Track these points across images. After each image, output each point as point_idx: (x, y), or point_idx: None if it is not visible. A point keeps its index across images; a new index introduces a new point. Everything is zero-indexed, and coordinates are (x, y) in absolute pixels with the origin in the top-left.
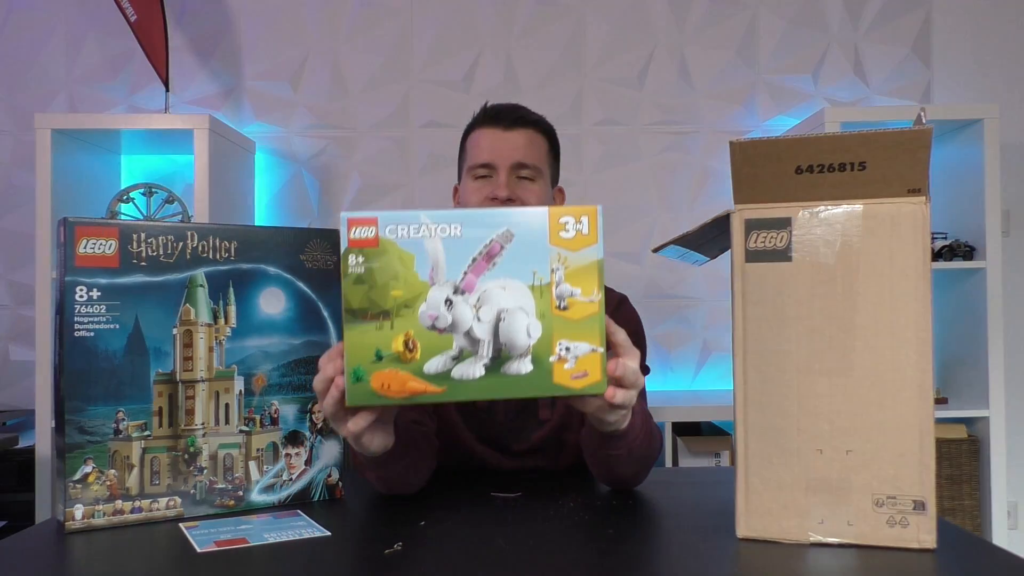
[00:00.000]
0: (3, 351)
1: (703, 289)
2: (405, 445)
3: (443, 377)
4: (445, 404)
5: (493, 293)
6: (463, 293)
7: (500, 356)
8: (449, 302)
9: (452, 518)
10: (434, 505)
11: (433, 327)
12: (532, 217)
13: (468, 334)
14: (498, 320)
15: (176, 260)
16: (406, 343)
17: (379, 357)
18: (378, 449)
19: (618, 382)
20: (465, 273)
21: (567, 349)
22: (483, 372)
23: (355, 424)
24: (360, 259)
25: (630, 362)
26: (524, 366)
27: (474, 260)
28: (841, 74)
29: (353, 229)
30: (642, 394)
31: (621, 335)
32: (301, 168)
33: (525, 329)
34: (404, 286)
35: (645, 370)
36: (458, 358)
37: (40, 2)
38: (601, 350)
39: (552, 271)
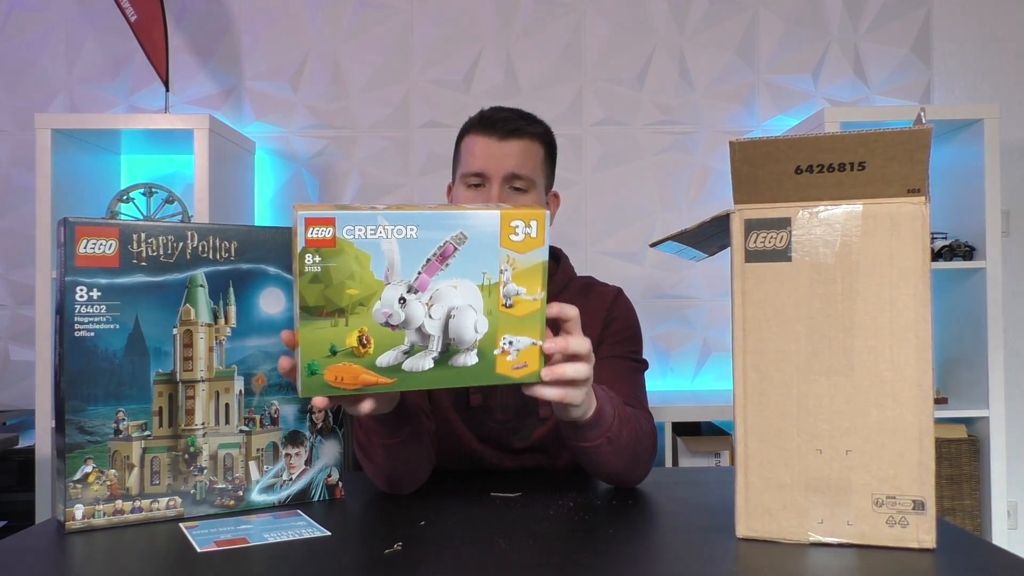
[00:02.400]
0: (3, 351)
1: (703, 289)
2: (408, 415)
3: (394, 370)
4: (438, 397)
5: (445, 292)
6: (416, 292)
7: (448, 350)
8: (403, 300)
9: (452, 518)
10: (434, 505)
11: (386, 324)
12: (485, 220)
13: (419, 330)
14: (448, 317)
15: (176, 260)
16: (360, 339)
17: (333, 352)
18: (371, 410)
19: (567, 358)
20: (419, 273)
21: (510, 343)
22: (432, 365)
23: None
24: (316, 259)
25: (576, 334)
26: (470, 359)
27: (428, 260)
28: (841, 74)
29: (310, 229)
30: (631, 389)
31: (572, 311)
32: (301, 168)
33: (473, 326)
34: (360, 285)
35: (643, 364)
36: (409, 352)
37: (40, 2)
38: (540, 343)
39: (501, 271)
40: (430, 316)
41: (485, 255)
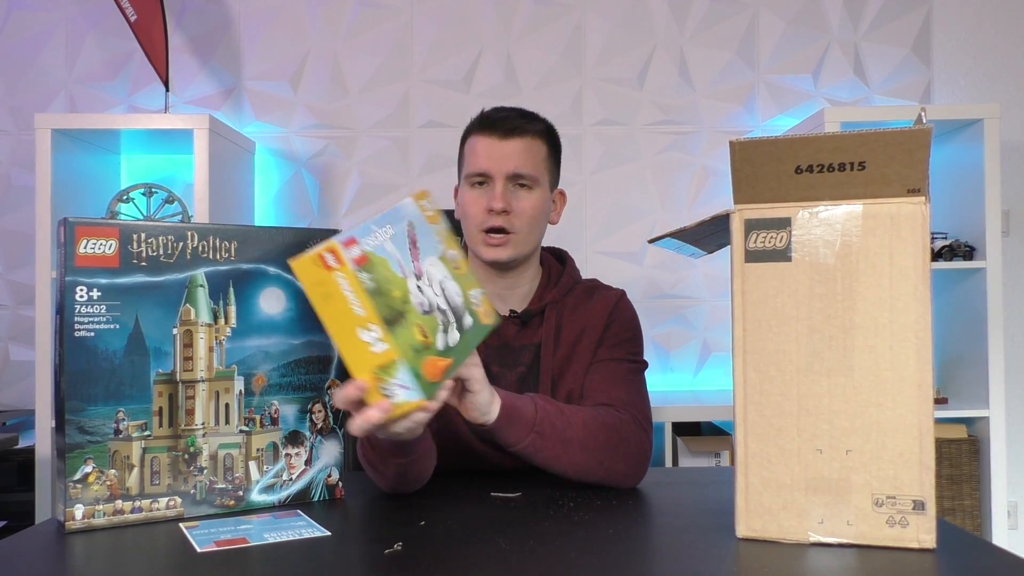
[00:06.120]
0: (3, 351)
1: (703, 289)
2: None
3: (446, 349)
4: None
5: (430, 271)
6: (419, 277)
7: (456, 317)
8: (419, 288)
9: (452, 518)
10: (434, 505)
11: (425, 311)
12: (409, 208)
13: (438, 308)
14: (443, 290)
15: (176, 260)
16: (421, 331)
17: (415, 351)
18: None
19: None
20: (413, 262)
21: (475, 298)
22: (458, 334)
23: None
24: (365, 275)
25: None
26: (467, 319)
27: (409, 250)
28: (841, 74)
29: (348, 248)
30: (621, 391)
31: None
32: (301, 168)
33: (455, 291)
34: (397, 285)
35: (642, 364)
36: (445, 330)
37: (40, 2)
38: (483, 291)
39: (438, 243)
40: (435, 294)
41: (425, 234)
